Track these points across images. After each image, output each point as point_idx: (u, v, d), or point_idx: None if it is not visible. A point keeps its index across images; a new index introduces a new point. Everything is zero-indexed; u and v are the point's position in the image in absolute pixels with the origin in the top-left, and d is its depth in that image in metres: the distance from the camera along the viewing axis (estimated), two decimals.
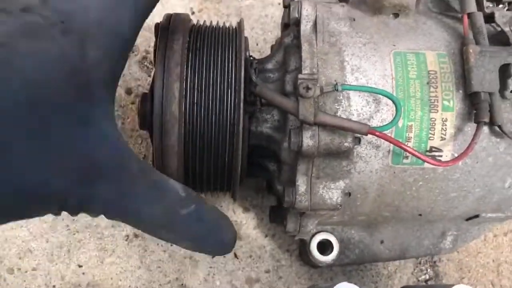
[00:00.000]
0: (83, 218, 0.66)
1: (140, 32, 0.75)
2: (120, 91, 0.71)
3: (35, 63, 0.33)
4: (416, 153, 0.44)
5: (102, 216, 0.38)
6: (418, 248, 0.60)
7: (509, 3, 0.53)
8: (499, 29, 0.50)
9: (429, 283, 0.67)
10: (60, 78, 0.34)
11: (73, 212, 0.37)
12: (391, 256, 0.60)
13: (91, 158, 0.35)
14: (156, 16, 0.74)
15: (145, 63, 0.72)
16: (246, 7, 0.76)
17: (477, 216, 0.56)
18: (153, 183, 0.39)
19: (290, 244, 0.67)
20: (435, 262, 0.68)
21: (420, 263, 0.67)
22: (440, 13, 0.54)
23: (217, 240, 0.43)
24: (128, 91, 0.71)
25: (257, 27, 0.76)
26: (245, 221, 0.67)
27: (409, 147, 0.45)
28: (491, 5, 0.53)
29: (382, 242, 0.60)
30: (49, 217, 0.66)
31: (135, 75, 0.72)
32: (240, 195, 0.68)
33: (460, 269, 0.68)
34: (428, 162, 0.45)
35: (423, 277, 0.67)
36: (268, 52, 0.72)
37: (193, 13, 0.75)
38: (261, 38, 0.75)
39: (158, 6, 0.75)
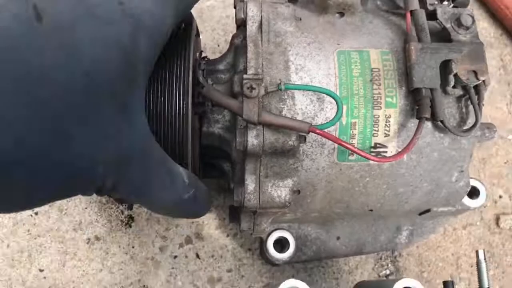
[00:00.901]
0: (44, 222, 0.66)
1: None
2: None
3: (95, 50, 0.34)
4: (356, 150, 0.45)
5: (62, 215, 0.40)
6: (374, 244, 0.61)
7: (453, 1, 0.54)
8: (442, 26, 0.51)
9: (390, 277, 0.68)
10: (114, 67, 0.35)
11: (105, 193, 0.38)
12: (348, 252, 0.61)
13: (128, 144, 0.37)
14: None
15: None
16: (207, 8, 0.77)
17: (428, 210, 0.57)
18: (169, 171, 0.43)
19: (252, 243, 0.67)
20: (395, 257, 0.68)
21: (380, 258, 0.68)
22: (388, 11, 0.55)
23: (202, 212, 0.49)
24: None
25: (218, 28, 0.76)
26: (207, 222, 0.68)
27: (349, 143, 0.45)
28: (436, 2, 0.54)
29: (338, 238, 0.61)
30: (9, 222, 0.66)
31: None
32: None
33: (420, 264, 0.69)
34: (369, 158, 0.45)
35: (384, 272, 0.68)
36: None
37: None
38: (222, 39, 0.76)
39: None
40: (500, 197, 0.72)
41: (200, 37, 0.75)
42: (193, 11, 0.76)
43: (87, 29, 0.34)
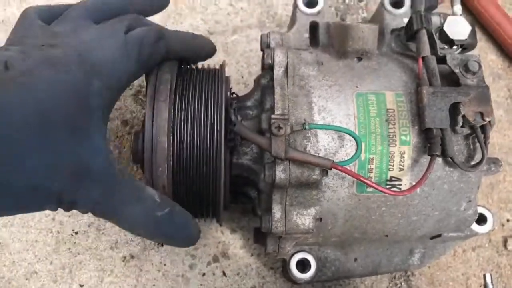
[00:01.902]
0: (84, 241, 0.72)
1: None
2: (116, 123, 0.77)
3: (50, 91, 0.42)
4: (373, 184, 0.50)
5: (100, 234, 0.46)
6: (389, 265, 0.66)
7: (461, 46, 0.59)
8: (451, 70, 0.56)
9: None
10: (68, 103, 0.43)
11: (67, 208, 0.45)
12: (364, 273, 0.66)
13: (85, 164, 0.44)
14: None
15: (139, 97, 0.79)
16: (232, 42, 0.83)
17: (439, 235, 0.62)
18: (134, 188, 0.48)
19: (274, 262, 0.72)
20: (408, 276, 0.73)
21: (394, 277, 0.73)
22: (401, 54, 0.60)
23: (184, 236, 0.53)
24: (124, 123, 0.77)
25: (242, 61, 0.82)
26: (232, 241, 0.73)
27: (366, 178, 0.51)
28: (446, 47, 0.59)
29: (355, 260, 0.66)
30: (52, 240, 0.72)
31: (130, 108, 0.78)
32: (228, 218, 0.74)
33: (432, 283, 0.73)
34: (384, 192, 0.51)
35: None
36: (251, 83, 0.78)
37: None
38: (246, 71, 0.82)
39: None
40: (508, 220, 0.77)
41: (225, 69, 0.81)
42: (218, 45, 0.82)
43: (46, 75, 0.42)
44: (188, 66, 0.62)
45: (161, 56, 0.55)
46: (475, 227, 0.63)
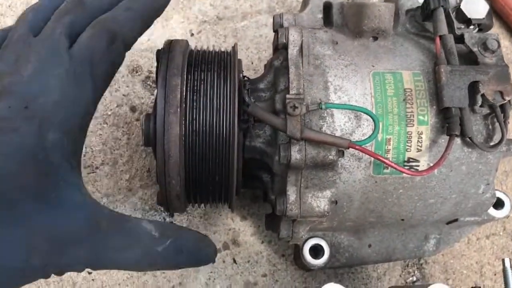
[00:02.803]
0: None
1: (143, 53, 0.81)
2: (125, 109, 0.76)
3: (2, 160, 0.37)
4: (392, 164, 0.49)
5: None
6: (403, 251, 0.65)
7: (478, 25, 0.58)
8: (469, 49, 0.55)
9: (416, 284, 0.71)
10: (23, 168, 0.37)
11: (59, 274, 0.40)
12: (378, 259, 0.65)
13: (61, 229, 0.38)
14: (158, 38, 0.80)
15: (148, 82, 0.78)
16: (242, 28, 0.82)
17: (456, 220, 0.60)
18: (126, 232, 0.42)
19: (285, 249, 0.71)
20: (421, 264, 0.72)
21: (407, 265, 0.72)
22: (417, 34, 0.59)
23: (199, 260, 0.46)
24: (133, 109, 0.76)
25: (252, 46, 0.81)
26: (243, 229, 0.72)
27: (385, 158, 0.50)
28: (462, 26, 0.58)
29: (369, 246, 0.64)
30: None
31: (138, 94, 0.77)
32: (238, 205, 0.72)
33: (445, 271, 0.72)
34: (403, 172, 0.49)
35: (410, 279, 0.71)
36: (262, 69, 0.77)
37: (192, 34, 0.81)
38: (255, 57, 0.81)
39: (159, 29, 0.81)
40: None
41: None
42: (228, 31, 0.81)
43: None
44: (200, 48, 0.61)
45: (121, 60, 0.46)
46: (492, 211, 0.62)
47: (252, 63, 0.80)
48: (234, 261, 0.71)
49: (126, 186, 0.73)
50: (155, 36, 0.80)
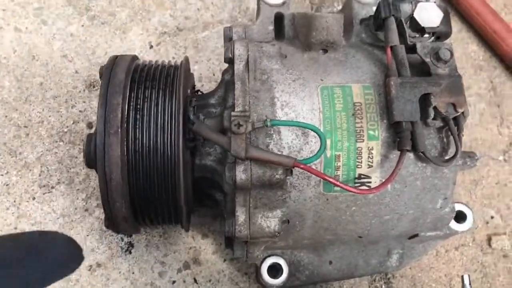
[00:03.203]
0: None
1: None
2: (82, 125, 0.74)
3: None
4: (338, 183, 0.47)
5: None
6: (366, 267, 0.63)
7: (433, 34, 0.56)
8: (421, 59, 0.53)
9: None
10: None
11: None
12: (340, 276, 0.63)
13: None
14: (116, 51, 0.78)
15: None
16: (203, 39, 0.80)
17: (416, 235, 0.58)
18: None
19: (248, 267, 0.69)
20: (389, 278, 0.70)
21: (374, 280, 0.70)
22: (371, 44, 0.57)
23: None
24: (90, 125, 0.74)
25: (213, 57, 0.79)
26: (204, 247, 0.70)
27: (331, 177, 0.48)
28: (417, 35, 0.56)
29: (330, 263, 0.62)
30: None
31: (95, 109, 0.75)
32: (198, 222, 0.70)
33: (414, 285, 0.70)
34: (351, 191, 0.47)
35: None
36: None
37: (151, 47, 0.79)
38: (217, 68, 0.78)
39: (118, 42, 0.79)
40: (492, 217, 0.74)
41: (196, 67, 0.78)
42: (188, 42, 0.79)
43: None
44: (146, 62, 0.59)
45: None
46: (453, 225, 0.60)
47: (214, 74, 0.78)
48: (195, 280, 0.68)
49: (83, 205, 0.70)
50: (112, 49, 0.78)
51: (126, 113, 0.51)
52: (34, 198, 0.70)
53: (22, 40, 0.77)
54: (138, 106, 0.52)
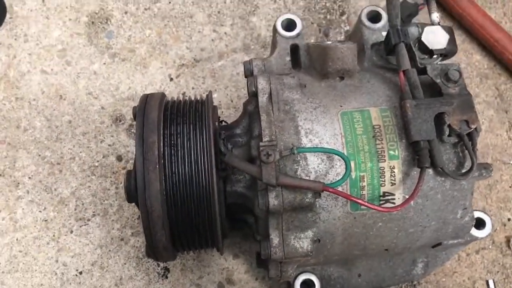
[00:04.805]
0: (89, 280, 0.72)
1: (125, 102, 0.83)
2: (112, 159, 0.78)
3: None
4: (365, 203, 0.50)
5: (104, 272, 0.40)
6: (393, 277, 0.66)
7: (441, 55, 0.59)
8: (432, 80, 0.56)
9: None
10: None
11: None
12: (369, 287, 0.66)
13: None
14: (138, 85, 0.82)
15: (132, 130, 0.80)
16: (219, 68, 0.84)
17: (440, 244, 0.62)
18: None
19: (280, 285, 0.72)
20: (414, 285, 0.73)
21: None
22: (383, 67, 0.61)
23: None
24: (119, 158, 0.78)
25: (230, 85, 0.83)
26: (236, 267, 0.73)
27: (358, 198, 0.51)
28: (426, 57, 0.60)
29: (359, 275, 0.66)
30: (57, 282, 0.72)
31: (123, 143, 0.79)
32: (230, 243, 0.74)
33: None
34: (376, 209, 0.51)
35: None
36: (241, 106, 0.78)
37: (171, 79, 0.83)
38: (234, 95, 0.82)
39: (139, 76, 0.83)
40: (509, 219, 0.77)
41: (215, 95, 0.82)
42: (206, 72, 0.83)
43: None
44: (175, 99, 0.63)
45: None
46: (474, 232, 0.63)
47: (232, 101, 0.82)
48: None
49: (119, 235, 0.74)
50: (135, 84, 0.82)
51: (162, 150, 0.55)
52: (72, 232, 0.74)
53: (49, 82, 0.82)
54: (172, 142, 0.56)
